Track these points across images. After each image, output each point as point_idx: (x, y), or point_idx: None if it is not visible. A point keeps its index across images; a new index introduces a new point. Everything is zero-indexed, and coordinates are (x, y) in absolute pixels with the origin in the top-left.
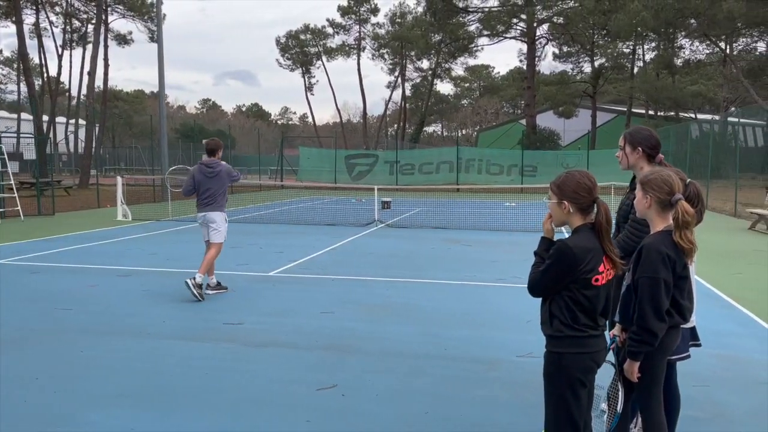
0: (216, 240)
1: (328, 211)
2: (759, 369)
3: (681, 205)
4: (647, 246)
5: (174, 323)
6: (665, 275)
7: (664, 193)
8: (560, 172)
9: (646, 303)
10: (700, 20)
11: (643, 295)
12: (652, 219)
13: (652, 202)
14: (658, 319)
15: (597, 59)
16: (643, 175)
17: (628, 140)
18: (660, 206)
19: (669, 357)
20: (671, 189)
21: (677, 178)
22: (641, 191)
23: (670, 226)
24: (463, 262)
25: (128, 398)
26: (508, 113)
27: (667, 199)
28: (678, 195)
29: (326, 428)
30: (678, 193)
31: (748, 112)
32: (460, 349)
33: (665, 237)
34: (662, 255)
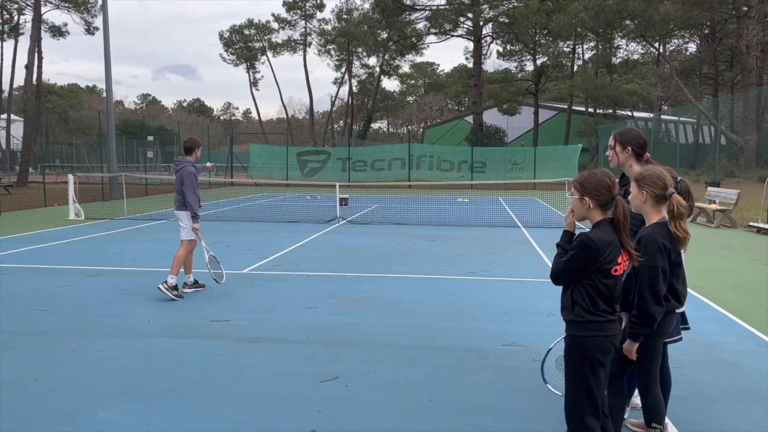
0: (180, 237)
1: (286, 209)
2: (723, 350)
3: (675, 198)
4: (645, 237)
5: (159, 322)
6: (662, 263)
7: (658, 188)
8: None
9: (646, 289)
10: (637, 21)
11: (643, 282)
12: (648, 212)
13: (648, 196)
14: (656, 304)
15: (539, 58)
16: (638, 173)
17: (618, 140)
18: (655, 200)
19: (663, 340)
20: (665, 184)
21: (669, 175)
22: (637, 188)
23: (664, 218)
24: (431, 257)
25: (134, 395)
26: (453, 110)
27: (661, 194)
28: (671, 189)
29: (337, 417)
30: (671, 187)
31: (680, 110)
32: (447, 339)
33: (660, 228)
34: (659, 244)
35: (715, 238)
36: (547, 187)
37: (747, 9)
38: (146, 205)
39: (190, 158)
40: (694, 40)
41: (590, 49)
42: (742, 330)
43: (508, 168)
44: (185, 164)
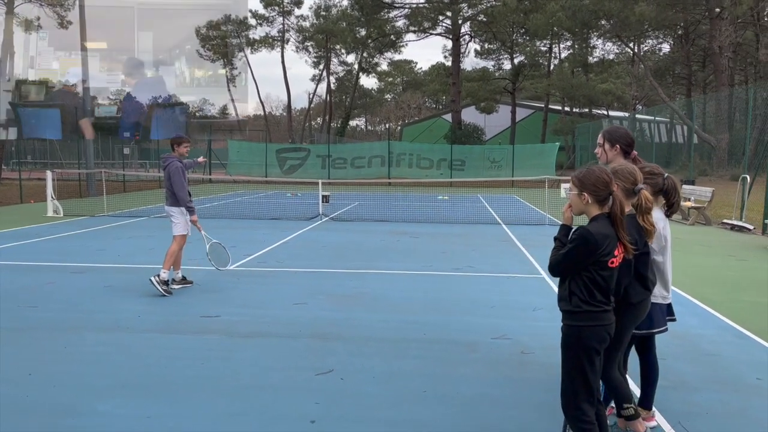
0: (173, 232)
1: (267, 206)
2: (703, 342)
3: (642, 194)
4: None
5: (149, 317)
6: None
7: (629, 183)
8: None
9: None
10: (612, 22)
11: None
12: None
13: (619, 189)
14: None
15: (516, 57)
16: (612, 168)
17: (607, 138)
18: (625, 194)
19: (651, 330)
20: (635, 180)
21: (640, 172)
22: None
23: (632, 211)
24: (415, 253)
25: (131, 389)
26: (431, 108)
27: (631, 188)
28: (641, 185)
29: (335, 408)
30: (641, 183)
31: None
32: (437, 333)
33: (629, 220)
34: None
35: (691, 235)
36: (525, 185)
37: (720, 10)
38: (126, 202)
39: (175, 154)
40: (668, 40)
41: (567, 48)
42: (720, 322)
43: (487, 166)
44: (171, 160)
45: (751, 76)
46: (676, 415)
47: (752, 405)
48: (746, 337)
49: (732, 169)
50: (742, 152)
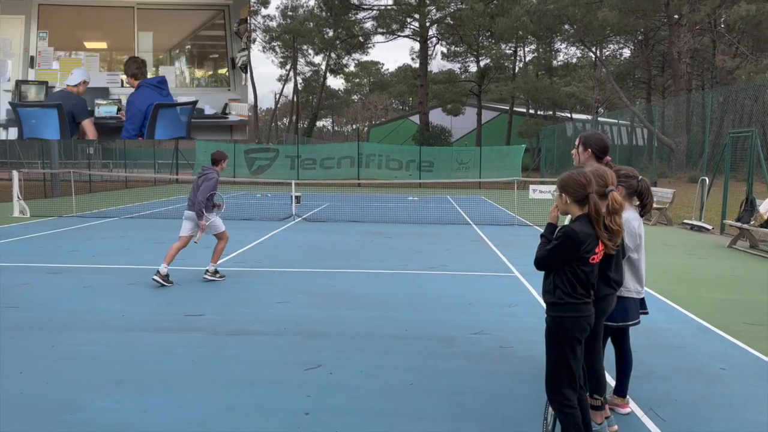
0: (218, 231)
1: (238, 207)
2: (669, 336)
3: (611, 195)
4: None
5: (134, 317)
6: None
7: (600, 186)
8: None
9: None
10: (576, 27)
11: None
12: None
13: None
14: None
15: (482, 60)
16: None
17: (582, 141)
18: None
19: (626, 323)
20: (605, 182)
21: (612, 174)
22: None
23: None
24: (391, 253)
25: (125, 385)
26: (397, 109)
27: (602, 191)
28: (611, 187)
29: (327, 401)
30: (611, 185)
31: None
32: (418, 329)
33: None
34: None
35: (654, 235)
36: (492, 186)
37: (678, 17)
38: (94, 203)
39: (218, 168)
40: (629, 45)
41: (531, 52)
42: (684, 317)
43: (455, 167)
44: (210, 172)
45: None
46: (648, 402)
47: (717, 392)
48: (708, 330)
49: (690, 171)
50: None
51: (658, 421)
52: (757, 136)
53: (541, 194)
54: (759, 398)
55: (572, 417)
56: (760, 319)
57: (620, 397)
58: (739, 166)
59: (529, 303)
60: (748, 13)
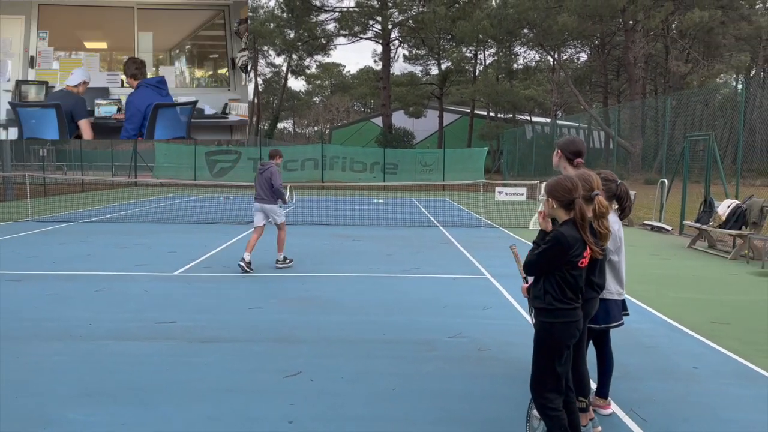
0: (278, 221)
1: (201, 210)
2: (641, 336)
3: (598, 199)
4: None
5: (101, 325)
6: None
7: (586, 190)
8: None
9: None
10: (536, 31)
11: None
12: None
13: None
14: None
15: (443, 62)
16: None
17: (558, 145)
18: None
19: (607, 324)
20: (591, 186)
21: (597, 179)
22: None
23: None
24: (362, 256)
25: (97, 397)
26: (359, 111)
27: (588, 195)
28: (597, 191)
29: (310, 408)
30: (597, 189)
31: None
32: (396, 333)
33: None
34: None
35: None
36: (456, 188)
37: (634, 23)
38: (50, 207)
39: (274, 162)
40: (586, 50)
41: (491, 55)
42: (654, 317)
43: (419, 170)
44: (270, 165)
45: (661, 85)
46: (628, 403)
47: (692, 391)
48: (678, 329)
49: (645, 173)
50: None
51: (639, 422)
52: (714, 140)
53: (507, 196)
54: (733, 397)
55: (557, 420)
56: (726, 317)
57: (602, 398)
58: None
59: (503, 305)
60: (701, 20)
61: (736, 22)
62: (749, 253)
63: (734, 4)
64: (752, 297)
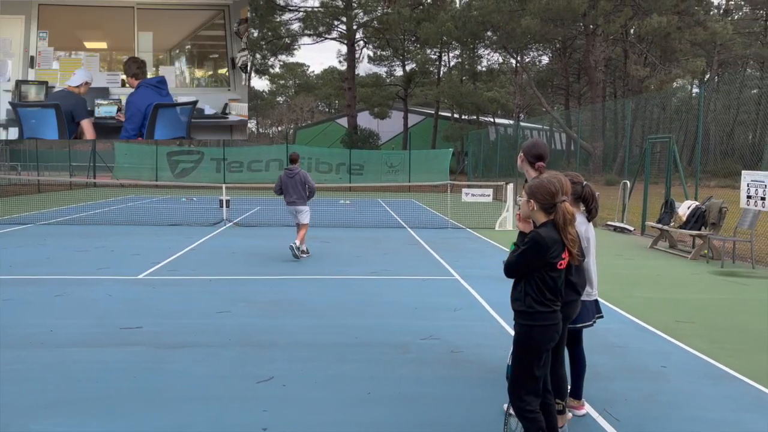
0: (304, 221)
1: (164, 211)
2: (610, 336)
3: (564, 207)
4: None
5: (63, 331)
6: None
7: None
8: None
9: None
10: (499, 33)
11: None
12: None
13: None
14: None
15: (408, 64)
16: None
17: (522, 149)
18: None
19: (577, 324)
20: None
21: (568, 183)
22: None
23: None
24: (330, 258)
25: (62, 407)
26: (323, 112)
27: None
28: (564, 197)
29: (285, 415)
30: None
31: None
32: (368, 336)
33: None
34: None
35: None
36: (422, 189)
37: (594, 28)
38: (5, 208)
39: (297, 165)
40: (547, 53)
41: (456, 57)
42: (621, 317)
43: (385, 171)
44: (297, 170)
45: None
46: (601, 403)
47: (662, 390)
48: (645, 329)
49: (606, 174)
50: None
51: (613, 421)
52: (674, 142)
53: (474, 197)
54: (702, 395)
55: (535, 422)
56: (690, 316)
57: (576, 399)
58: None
59: (473, 306)
60: (659, 25)
61: (692, 27)
62: (708, 253)
63: (690, 10)
64: (713, 296)
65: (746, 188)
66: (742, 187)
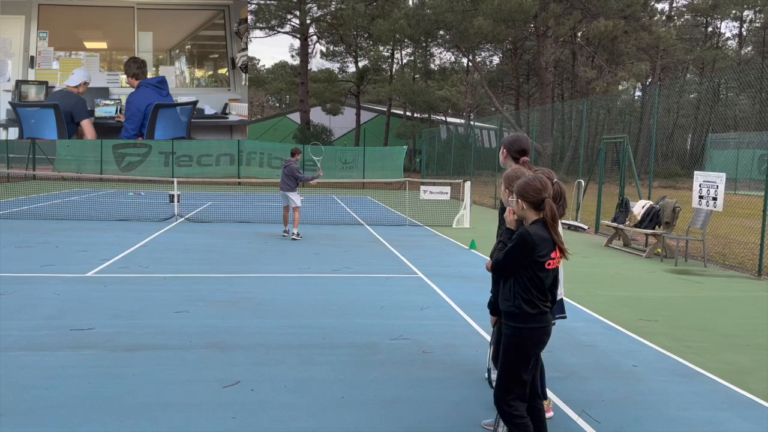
0: (293, 205)
1: (110, 206)
2: (578, 334)
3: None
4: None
5: (8, 333)
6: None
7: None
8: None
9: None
10: (452, 33)
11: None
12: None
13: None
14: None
15: (361, 60)
16: (508, 173)
17: (504, 144)
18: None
19: None
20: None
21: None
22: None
23: None
24: (290, 255)
25: (12, 416)
26: (274, 107)
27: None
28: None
29: (255, 422)
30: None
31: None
32: (336, 337)
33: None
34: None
35: None
36: (376, 186)
37: (545, 29)
38: None
39: (294, 159)
40: (498, 54)
41: (408, 55)
42: (587, 315)
43: (339, 167)
44: (291, 162)
45: (568, 90)
46: (578, 404)
47: (637, 390)
48: (612, 327)
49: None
50: (561, 158)
51: (593, 423)
52: (628, 142)
53: (432, 195)
54: (675, 394)
55: (523, 427)
56: (652, 314)
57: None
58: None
59: (440, 305)
60: (606, 28)
61: (637, 31)
62: (662, 251)
63: (636, 15)
64: (671, 293)
65: (698, 188)
66: (695, 188)
